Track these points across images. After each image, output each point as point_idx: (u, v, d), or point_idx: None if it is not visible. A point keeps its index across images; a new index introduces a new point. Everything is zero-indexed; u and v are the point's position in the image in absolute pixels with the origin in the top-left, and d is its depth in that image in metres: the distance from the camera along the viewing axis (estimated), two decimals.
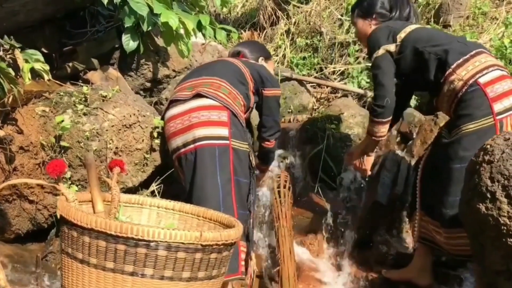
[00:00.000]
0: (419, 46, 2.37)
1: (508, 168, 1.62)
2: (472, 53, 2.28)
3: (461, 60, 2.26)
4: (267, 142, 2.68)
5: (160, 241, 1.26)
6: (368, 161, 2.81)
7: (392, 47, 2.43)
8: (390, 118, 2.47)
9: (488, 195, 1.66)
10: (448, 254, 2.43)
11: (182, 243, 1.27)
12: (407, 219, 2.88)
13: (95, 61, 3.17)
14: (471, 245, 1.87)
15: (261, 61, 2.83)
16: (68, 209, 1.32)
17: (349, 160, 2.90)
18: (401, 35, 2.44)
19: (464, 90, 2.23)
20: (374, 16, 2.64)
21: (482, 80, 2.20)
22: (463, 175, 2.10)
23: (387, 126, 2.52)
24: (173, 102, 2.44)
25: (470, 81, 2.21)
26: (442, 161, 2.28)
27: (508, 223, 1.61)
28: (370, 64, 4.20)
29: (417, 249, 2.64)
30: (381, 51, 2.43)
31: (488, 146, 1.71)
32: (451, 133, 2.28)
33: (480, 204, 1.68)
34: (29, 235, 2.45)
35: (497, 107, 2.17)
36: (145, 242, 1.26)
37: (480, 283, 2.27)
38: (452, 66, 2.26)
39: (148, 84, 3.28)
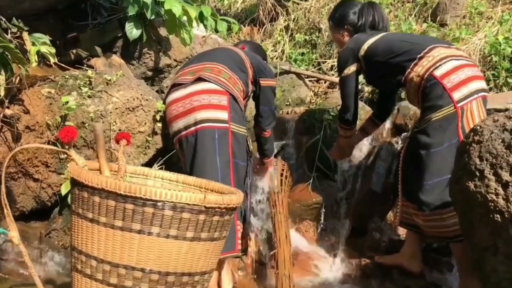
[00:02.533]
0: (379, 59, 2.58)
1: (496, 147, 1.69)
2: (425, 50, 2.46)
3: (416, 59, 2.45)
4: (264, 132, 2.75)
5: (167, 201, 1.33)
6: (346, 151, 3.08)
7: (354, 67, 2.68)
8: (351, 126, 2.84)
9: (477, 173, 1.73)
10: (427, 235, 2.55)
11: (187, 204, 1.35)
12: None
13: (98, 49, 3.24)
14: (460, 223, 1.94)
15: None
16: (79, 171, 1.40)
17: (334, 156, 3.16)
18: (361, 52, 2.65)
19: (423, 84, 2.42)
20: (345, 27, 2.86)
21: (437, 73, 2.38)
22: (430, 161, 2.35)
23: (351, 131, 2.88)
24: (174, 87, 2.50)
25: (426, 75, 2.40)
26: (415, 150, 2.45)
27: (496, 199, 1.68)
28: None
29: (406, 236, 2.74)
30: (345, 72, 2.69)
31: (478, 127, 1.79)
32: (420, 124, 2.45)
33: (469, 182, 1.75)
34: (33, 213, 2.51)
35: (456, 95, 2.34)
36: (152, 202, 1.33)
37: (462, 263, 2.38)
38: (410, 67, 2.46)
39: (150, 73, 3.36)
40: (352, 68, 2.68)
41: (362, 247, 2.98)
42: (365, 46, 2.64)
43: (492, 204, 1.69)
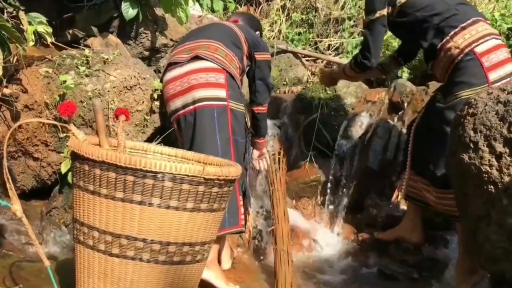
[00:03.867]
0: (419, 15, 2.45)
1: (490, 119, 1.72)
2: (469, 21, 2.37)
3: (458, 28, 2.36)
4: (260, 107, 2.68)
5: (166, 173, 1.36)
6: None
7: (387, 10, 2.51)
8: (365, 71, 2.73)
9: (471, 145, 1.76)
10: (436, 211, 2.55)
11: (187, 175, 1.37)
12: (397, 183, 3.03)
13: (94, 29, 3.23)
14: (455, 195, 1.98)
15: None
16: (80, 145, 1.42)
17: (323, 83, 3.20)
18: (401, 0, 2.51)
19: (460, 57, 2.33)
20: None
21: (478, 49, 2.31)
22: None
23: (360, 74, 2.83)
24: (171, 65, 2.49)
25: (467, 50, 2.32)
26: (437, 125, 2.39)
27: (489, 171, 1.71)
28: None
29: (408, 209, 2.75)
30: (376, 15, 2.52)
31: (473, 100, 1.81)
32: (447, 99, 2.37)
33: (464, 154, 1.78)
34: (33, 192, 2.53)
35: (492, 76, 2.28)
36: (152, 174, 1.36)
37: (464, 241, 2.40)
38: (450, 34, 2.37)
39: (146, 53, 3.35)
40: (385, 11, 2.51)
41: (359, 223, 3.03)
42: None
43: (486, 175, 1.72)
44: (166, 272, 1.44)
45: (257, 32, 2.84)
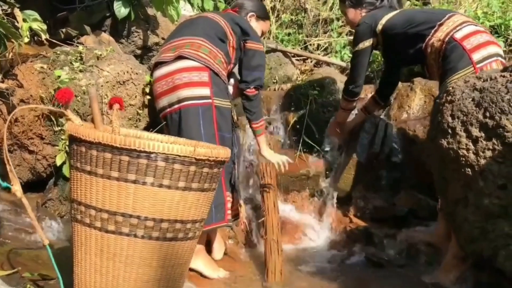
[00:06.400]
0: (398, 31, 2.65)
1: (467, 106, 1.82)
2: (445, 17, 2.53)
3: (436, 26, 2.51)
4: (248, 90, 2.62)
5: (159, 153, 1.44)
6: (342, 129, 3.22)
7: (369, 43, 2.76)
8: (355, 98, 2.97)
9: (449, 131, 1.86)
10: None
11: (178, 155, 1.45)
12: (383, 176, 3.13)
13: (87, 28, 3.30)
14: (435, 181, 2.07)
15: (249, 17, 2.81)
16: (77, 128, 1.49)
17: (329, 132, 3.30)
18: (379, 27, 2.72)
19: (443, 47, 2.45)
20: (364, 5, 2.90)
21: (457, 35, 2.43)
22: None
23: (353, 103, 3.03)
24: (158, 64, 2.52)
25: (447, 38, 2.45)
26: None
27: (467, 154, 1.81)
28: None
29: (439, 217, 2.69)
30: (360, 46, 2.77)
31: (451, 88, 1.91)
32: (439, 90, 2.44)
33: (443, 139, 1.88)
34: (28, 185, 2.59)
35: (476, 56, 2.37)
36: (146, 154, 1.44)
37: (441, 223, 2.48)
38: (431, 33, 2.52)
39: (139, 51, 3.42)
40: (367, 43, 2.76)
41: (348, 215, 3.12)
42: (383, 21, 2.70)
43: (464, 159, 1.81)
44: (160, 248, 1.52)
45: (251, 14, 2.81)
